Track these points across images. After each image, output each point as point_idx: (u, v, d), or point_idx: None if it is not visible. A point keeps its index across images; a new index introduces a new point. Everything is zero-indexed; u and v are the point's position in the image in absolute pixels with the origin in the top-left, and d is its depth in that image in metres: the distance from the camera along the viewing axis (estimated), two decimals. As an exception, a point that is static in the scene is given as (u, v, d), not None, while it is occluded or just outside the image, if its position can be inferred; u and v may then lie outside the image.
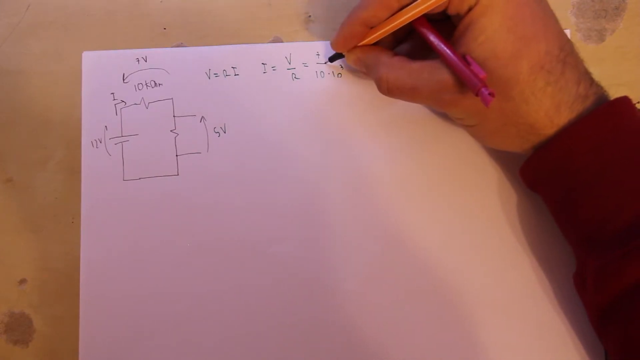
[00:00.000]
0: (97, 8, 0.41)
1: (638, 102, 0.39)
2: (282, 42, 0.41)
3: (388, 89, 0.34)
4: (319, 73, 0.40)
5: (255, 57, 0.40)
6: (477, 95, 0.30)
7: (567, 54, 0.32)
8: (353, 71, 0.40)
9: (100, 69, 0.40)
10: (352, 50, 0.36)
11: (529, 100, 0.32)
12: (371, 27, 0.35)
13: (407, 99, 0.35)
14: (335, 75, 0.40)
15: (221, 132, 0.39)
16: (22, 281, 0.39)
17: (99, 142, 0.39)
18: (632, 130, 0.31)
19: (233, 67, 0.40)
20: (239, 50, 0.40)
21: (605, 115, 0.31)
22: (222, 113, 0.39)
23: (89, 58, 0.40)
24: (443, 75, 0.32)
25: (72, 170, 0.39)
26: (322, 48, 0.40)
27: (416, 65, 0.33)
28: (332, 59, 0.39)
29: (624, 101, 0.32)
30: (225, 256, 0.38)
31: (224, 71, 0.40)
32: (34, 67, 0.40)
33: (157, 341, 0.37)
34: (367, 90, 0.40)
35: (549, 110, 0.32)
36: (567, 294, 0.37)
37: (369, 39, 0.35)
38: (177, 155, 0.39)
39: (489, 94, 0.29)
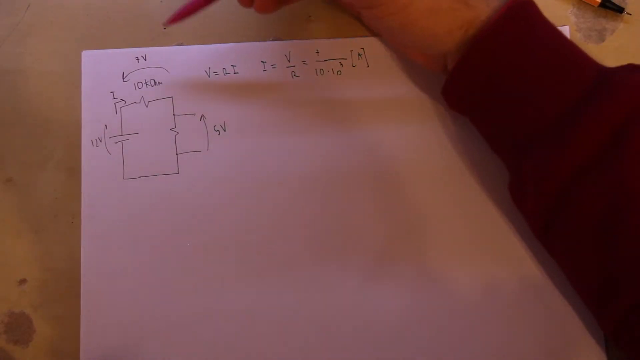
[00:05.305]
0: (97, 8, 0.41)
1: (638, 100, 0.39)
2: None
3: None
4: (318, 71, 0.40)
5: (254, 55, 0.40)
6: None
7: None
8: (353, 69, 0.40)
9: (99, 67, 0.40)
10: None
11: None
12: None
13: None
14: (335, 72, 0.40)
15: (221, 130, 0.39)
16: (22, 281, 0.39)
17: (98, 141, 0.39)
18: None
19: (233, 66, 0.40)
20: (238, 48, 0.40)
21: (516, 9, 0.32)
22: (222, 111, 0.39)
23: (88, 57, 0.40)
24: None
25: (72, 170, 0.39)
26: (322, 46, 0.40)
27: None
28: None
29: None
30: (226, 255, 0.38)
31: (223, 69, 0.40)
32: (34, 67, 0.40)
33: (158, 341, 0.37)
34: (367, 87, 0.40)
35: None
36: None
37: None
38: (177, 154, 0.39)
39: None
